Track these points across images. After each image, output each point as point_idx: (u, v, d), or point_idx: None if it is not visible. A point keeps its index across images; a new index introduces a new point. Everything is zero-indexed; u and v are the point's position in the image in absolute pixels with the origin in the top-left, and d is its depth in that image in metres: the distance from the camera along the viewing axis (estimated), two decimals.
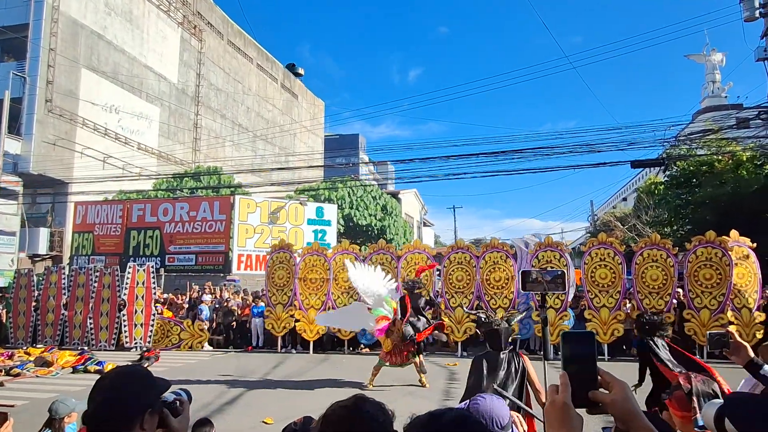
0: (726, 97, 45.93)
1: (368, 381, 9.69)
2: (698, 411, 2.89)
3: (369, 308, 9.89)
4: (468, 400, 1.82)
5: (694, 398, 3.63)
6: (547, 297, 3.94)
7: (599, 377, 1.09)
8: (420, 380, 9.64)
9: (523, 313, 11.08)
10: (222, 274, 21.42)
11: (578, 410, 1.06)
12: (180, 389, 1.86)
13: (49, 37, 24.35)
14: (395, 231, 31.87)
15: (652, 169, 30.97)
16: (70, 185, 23.78)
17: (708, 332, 2.85)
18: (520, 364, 3.99)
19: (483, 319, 4.58)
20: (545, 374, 3.18)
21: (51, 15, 24.47)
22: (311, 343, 14.26)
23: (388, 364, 9.62)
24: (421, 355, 9.86)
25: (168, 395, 1.76)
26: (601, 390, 1.08)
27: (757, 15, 15.69)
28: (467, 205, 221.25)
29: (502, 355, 4.02)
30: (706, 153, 19.17)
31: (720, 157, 18.79)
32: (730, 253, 12.09)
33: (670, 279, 12.42)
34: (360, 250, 15.35)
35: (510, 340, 4.49)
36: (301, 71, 49.70)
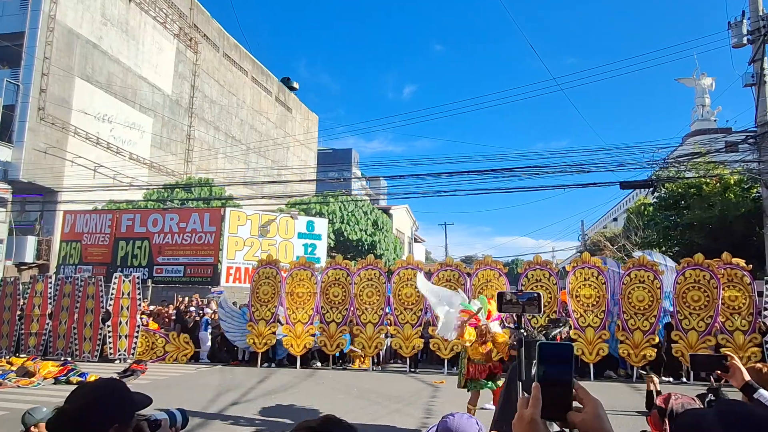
0: (715, 120, 46.55)
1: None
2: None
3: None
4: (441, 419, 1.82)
5: (666, 419, 3.65)
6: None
7: (574, 391, 1.04)
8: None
9: (562, 328, 10.43)
10: (210, 287, 21.28)
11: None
12: (177, 409, 1.84)
13: (44, 45, 24.37)
14: (386, 246, 31.85)
15: (642, 190, 31.26)
16: (60, 194, 23.65)
17: (690, 354, 2.87)
18: None
19: (525, 336, 4.48)
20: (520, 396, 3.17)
21: (47, 24, 24.52)
22: (298, 357, 14.15)
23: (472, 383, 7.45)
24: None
25: (159, 414, 1.74)
26: (575, 405, 1.05)
27: (745, 41, 15.97)
28: (458, 222, 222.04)
29: None
30: (694, 176, 19.39)
31: (708, 180, 19.00)
32: (718, 275, 12.17)
33: (656, 300, 12.48)
34: (352, 265, 15.32)
35: None
36: (295, 85, 49.97)
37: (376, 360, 14.63)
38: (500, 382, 7.24)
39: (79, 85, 26.26)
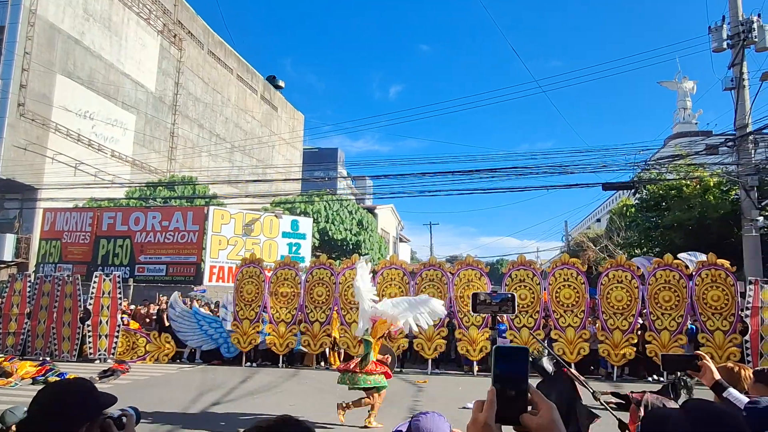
0: (696, 123, 47.23)
1: (367, 421, 7.74)
2: None
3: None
4: (410, 418, 1.82)
5: (641, 408, 3.72)
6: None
7: (529, 395, 1.04)
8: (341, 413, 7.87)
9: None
10: (193, 286, 21.10)
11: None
12: (129, 407, 1.85)
13: (24, 40, 23.96)
14: (371, 246, 31.84)
15: (624, 191, 31.62)
16: (40, 191, 23.28)
17: (661, 354, 2.93)
18: None
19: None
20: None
21: (27, 18, 24.11)
22: (280, 357, 14.11)
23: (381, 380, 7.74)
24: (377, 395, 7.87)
25: (114, 411, 1.75)
26: (530, 409, 1.04)
27: (725, 46, 16.21)
28: (444, 222, 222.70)
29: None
30: (675, 178, 19.66)
31: (688, 182, 19.28)
32: (686, 274, 12.40)
33: (634, 300, 12.68)
34: (336, 264, 15.31)
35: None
36: (281, 84, 49.70)
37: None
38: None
39: (60, 81, 25.86)
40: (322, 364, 14.47)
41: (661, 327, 12.42)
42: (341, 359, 14.29)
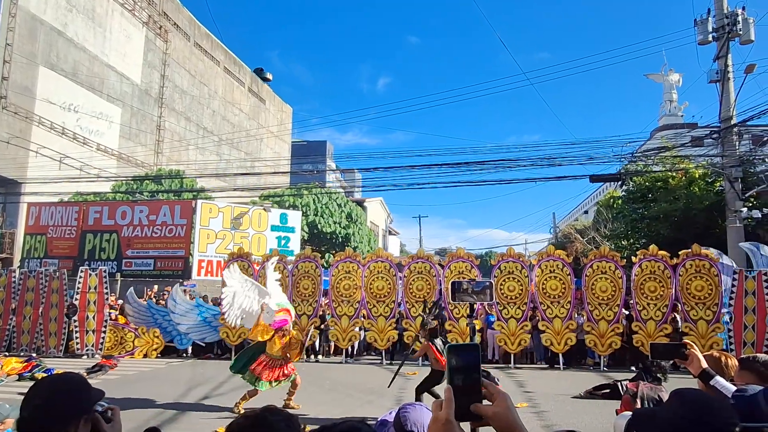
0: (682, 116, 47.62)
1: (236, 405, 8.14)
2: None
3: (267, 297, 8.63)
4: (398, 408, 1.83)
5: (638, 400, 3.80)
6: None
7: (483, 389, 1.09)
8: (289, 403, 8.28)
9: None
10: (181, 280, 20.96)
11: (463, 423, 1.07)
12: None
13: (5, 32, 23.53)
14: (360, 239, 31.84)
15: (611, 183, 31.86)
16: (24, 185, 22.95)
17: (650, 342, 2.96)
18: None
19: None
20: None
21: (8, 9, 23.67)
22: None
23: (264, 382, 8.00)
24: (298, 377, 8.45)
25: (97, 406, 1.75)
26: (485, 402, 1.09)
27: (710, 39, 16.35)
28: (433, 215, 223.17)
29: None
30: (661, 170, 19.84)
31: (674, 174, 19.48)
32: (671, 265, 12.56)
33: (618, 290, 12.85)
34: (324, 257, 15.30)
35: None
36: (269, 76, 49.35)
37: (349, 352, 14.68)
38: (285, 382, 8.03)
39: (43, 73, 25.45)
40: (313, 357, 14.50)
41: (647, 317, 12.59)
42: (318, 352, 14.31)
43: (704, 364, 2.47)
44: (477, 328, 13.29)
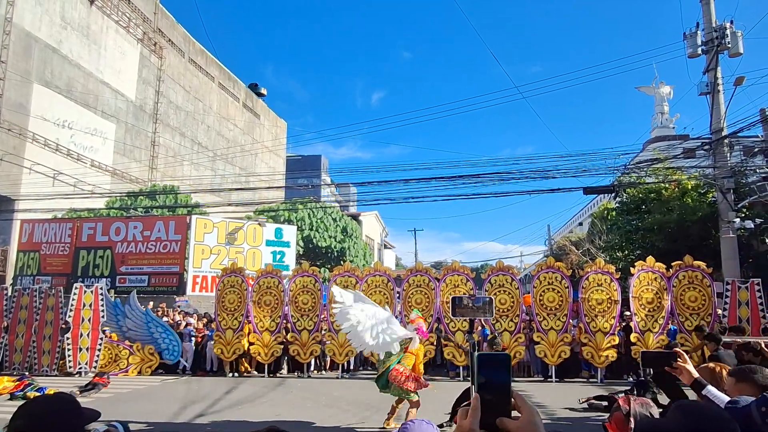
0: (674, 127, 48.10)
1: (385, 422, 7.79)
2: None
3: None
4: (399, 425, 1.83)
5: (632, 419, 3.77)
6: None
7: (512, 400, 1.05)
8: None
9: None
10: (176, 296, 20.85)
11: None
12: (117, 422, 1.83)
13: (0, 49, 23.60)
14: (355, 253, 31.79)
15: (605, 195, 32.00)
16: (17, 202, 22.85)
17: (641, 351, 2.98)
18: None
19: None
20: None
21: (3, 26, 23.75)
22: (266, 366, 14.00)
23: (413, 392, 7.41)
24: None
25: (99, 426, 1.73)
26: (513, 413, 1.06)
27: (700, 52, 16.56)
28: (428, 228, 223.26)
29: None
30: (654, 181, 19.98)
31: (667, 186, 19.61)
32: (666, 277, 12.63)
33: (613, 303, 12.88)
34: (320, 272, 15.27)
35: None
36: (263, 91, 49.57)
37: (345, 367, 14.60)
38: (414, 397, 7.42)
39: (37, 90, 25.48)
40: (315, 372, 14.43)
41: (644, 328, 12.62)
42: (324, 366, 14.22)
43: (695, 374, 2.48)
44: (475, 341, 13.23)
